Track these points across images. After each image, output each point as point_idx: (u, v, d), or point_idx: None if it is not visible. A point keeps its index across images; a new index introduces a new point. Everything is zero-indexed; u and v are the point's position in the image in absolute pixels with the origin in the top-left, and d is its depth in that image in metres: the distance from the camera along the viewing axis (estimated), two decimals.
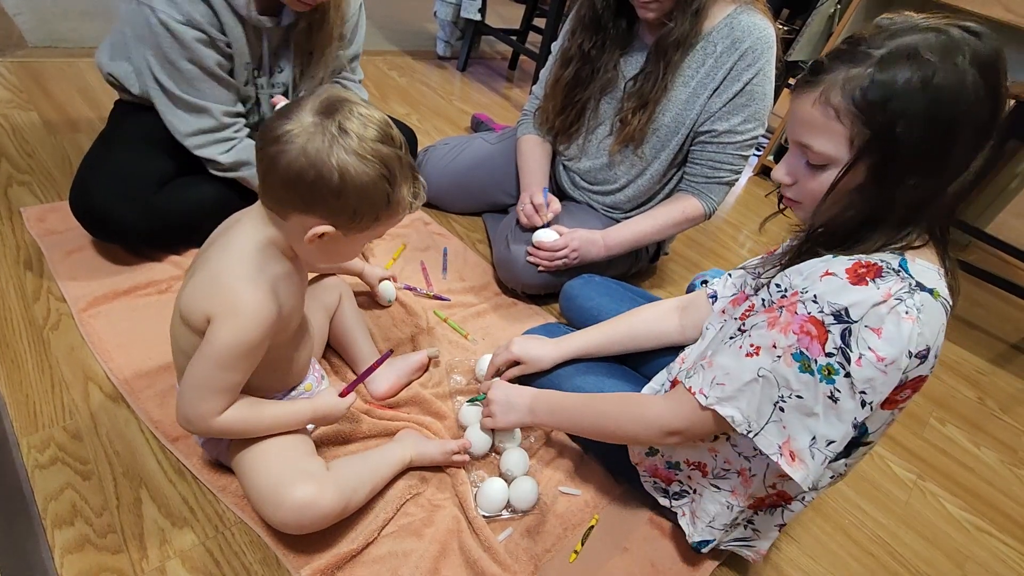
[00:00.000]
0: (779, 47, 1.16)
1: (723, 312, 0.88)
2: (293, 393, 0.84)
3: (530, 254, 1.25)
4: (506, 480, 0.91)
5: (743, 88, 1.15)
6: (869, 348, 0.59)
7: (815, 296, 0.61)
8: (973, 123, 0.57)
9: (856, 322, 0.59)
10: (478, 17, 2.41)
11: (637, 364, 1.06)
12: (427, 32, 2.98)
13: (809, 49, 2.39)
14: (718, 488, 0.82)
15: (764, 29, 1.12)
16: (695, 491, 0.86)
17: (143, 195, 1.08)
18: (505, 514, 0.88)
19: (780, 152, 2.48)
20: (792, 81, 2.90)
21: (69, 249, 1.11)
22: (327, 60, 1.20)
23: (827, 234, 0.67)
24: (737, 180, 1.28)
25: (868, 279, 0.60)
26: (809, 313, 0.62)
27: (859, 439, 0.70)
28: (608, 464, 1.00)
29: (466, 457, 0.93)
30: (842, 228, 0.65)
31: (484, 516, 0.86)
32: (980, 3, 1.91)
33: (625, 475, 0.97)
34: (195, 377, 0.68)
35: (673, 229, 1.32)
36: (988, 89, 0.56)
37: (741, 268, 0.93)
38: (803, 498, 0.78)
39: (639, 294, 1.20)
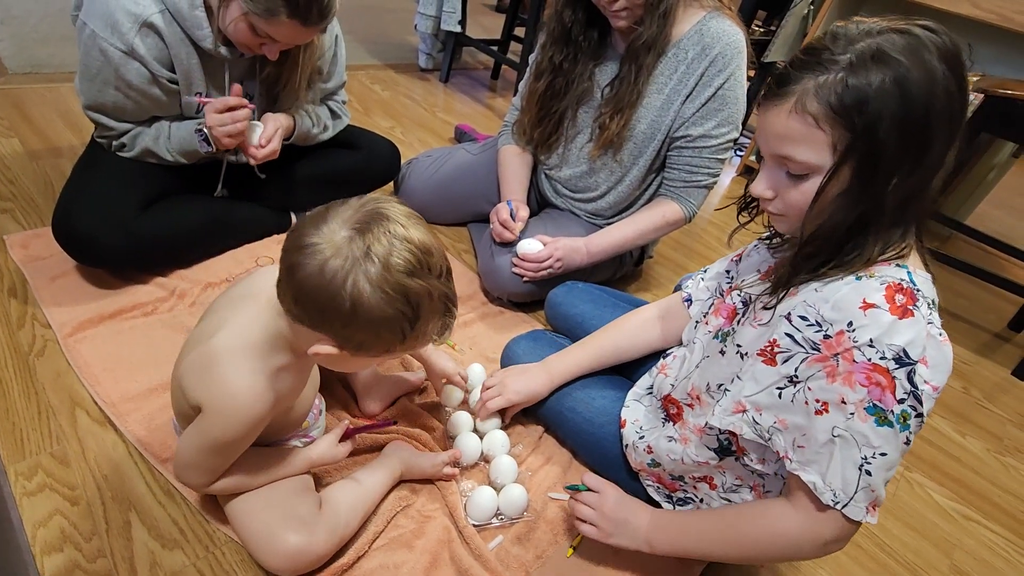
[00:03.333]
0: (750, 50, 1.19)
1: (706, 323, 0.87)
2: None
3: (515, 265, 1.27)
4: (495, 488, 0.91)
5: (715, 93, 1.17)
6: (925, 381, 0.59)
7: (871, 340, 0.59)
8: (947, 116, 0.58)
9: (917, 362, 0.59)
10: (458, 29, 2.43)
11: (626, 370, 1.07)
12: (409, 45, 3.00)
13: (785, 50, 2.43)
14: (729, 501, 0.82)
15: (733, 35, 1.15)
16: (701, 500, 0.87)
17: (126, 219, 1.08)
18: (495, 522, 0.89)
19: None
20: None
21: (53, 275, 1.11)
22: (296, 96, 1.20)
23: (818, 244, 0.65)
24: (715, 183, 1.30)
25: (910, 307, 0.59)
26: (870, 360, 0.60)
27: None
28: (597, 467, 1.01)
29: (456, 470, 0.93)
30: (832, 236, 0.63)
31: (474, 525, 0.87)
32: (948, 0, 1.94)
33: (615, 477, 0.97)
34: (185, 454, 0.70)
35: (654, 234, 1.34)
36: (957, 82, 0.58)
37: (715, 269, 0.94)
38: None
39: (622, 299, 1.22)
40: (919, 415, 0.60)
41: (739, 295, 0.81)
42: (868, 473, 0.62)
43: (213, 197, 1.26)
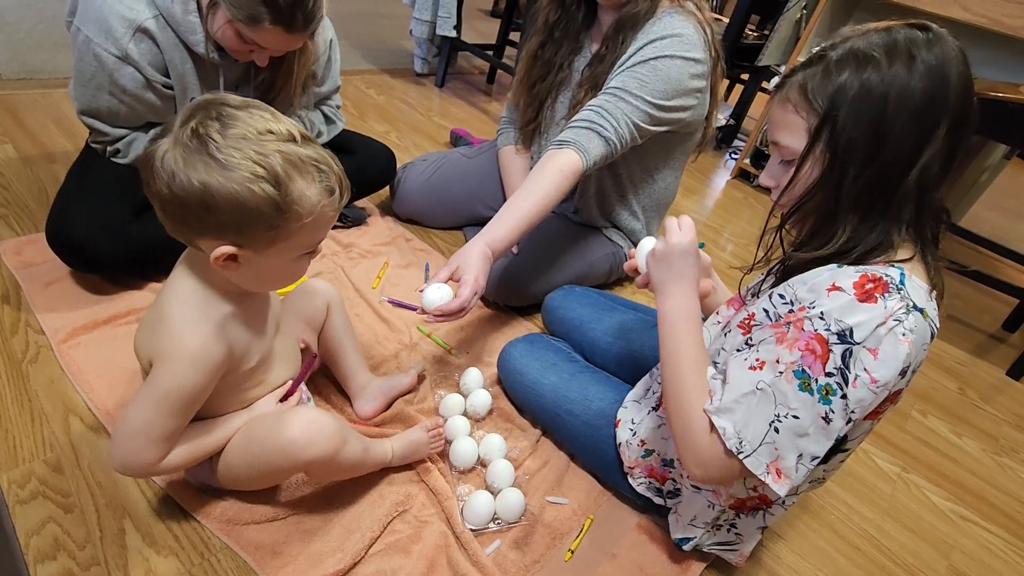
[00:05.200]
0: (716, 47, 1.18)
1: (717, 313, 0.87)
2: None
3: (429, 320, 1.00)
4: (492, 493, 0.91)
5: (645, 61, 1.14)
6: (864, 369, 0.60)
7: (822, 313, 0.62)
8: (908, 114, 0.60)
9: (859, 344, 0.60)
10: (453, 34, 2.44)
11: (629, 375, 1.04)
12: (404, 50, 3.01)
13: (778, 54, 2.45)
14: (699, 489, 0.83)
15: (680, 28, 1.14)
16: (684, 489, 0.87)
17: (120, 224, 1.08)
18: (492, 527, 0.89)
19: (756, 155, 2.52)
20: (765, 85, 2.96)
21: (47, 281, 1.10)
22: (290, 103, 1.20)
23: (796, 230, 0.70)
24: (615, 148, 1.14)
25: (876, 295, 0.60)
26: (815, 330, 0.62)
27: (837, 447, 0.70)
28: (596, 470, 1.01)
29: (441, 428, 0.94)
30: (803, 220, 0.69)
31: (471, 530, 0.87)
32: (939, 4, 1.96)
33: (612, 480, 0.97)
34: (134, 423, 0.65)
35: (557, 195, 1.11)
36: (927, 83, 0.59)
37: None
38: (783, 502, 0.79)
39: (619, 302, 1.22)
40: (844, 396, 0.61)
41: (748, 288, 0.82)
42: (776, 431, 0.64)
43: None
